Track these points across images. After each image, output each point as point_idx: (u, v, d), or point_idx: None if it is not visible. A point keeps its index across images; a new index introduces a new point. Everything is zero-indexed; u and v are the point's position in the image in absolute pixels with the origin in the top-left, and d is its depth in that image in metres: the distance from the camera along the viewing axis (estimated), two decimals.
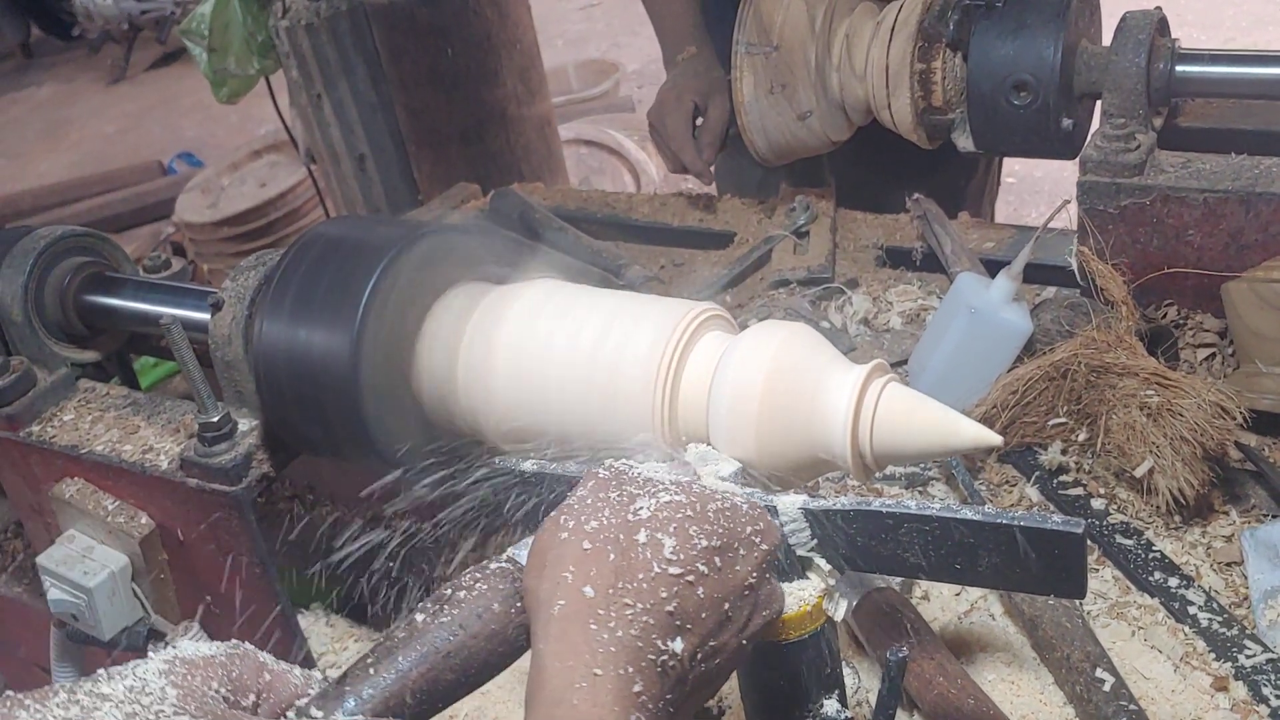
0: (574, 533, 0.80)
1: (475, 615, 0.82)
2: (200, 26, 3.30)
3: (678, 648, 0.77)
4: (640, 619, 0.76)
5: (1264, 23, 5.71)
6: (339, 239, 1.16)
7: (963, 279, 1.55)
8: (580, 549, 0.79)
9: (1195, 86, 1.62)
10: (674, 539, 0.80)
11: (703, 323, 1.02)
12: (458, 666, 0.81)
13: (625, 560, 0.78)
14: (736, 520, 0.84)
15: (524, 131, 3.27)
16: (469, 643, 0.82)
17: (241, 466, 1.21)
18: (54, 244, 1.42)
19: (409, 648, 0.81)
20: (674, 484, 0.85)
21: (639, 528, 0.80)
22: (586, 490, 0.85)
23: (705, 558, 0.80)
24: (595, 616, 0.75)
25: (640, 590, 0.77)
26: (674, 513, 0.81)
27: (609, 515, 0.81)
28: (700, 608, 0.79)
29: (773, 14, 1.80)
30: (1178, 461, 1.27)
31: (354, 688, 0.79)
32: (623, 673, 0.73)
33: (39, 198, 6.01)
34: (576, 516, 0.82)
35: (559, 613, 0.76)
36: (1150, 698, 1.13)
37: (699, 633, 0.79)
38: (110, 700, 0.69)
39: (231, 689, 0.76)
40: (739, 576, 0.82)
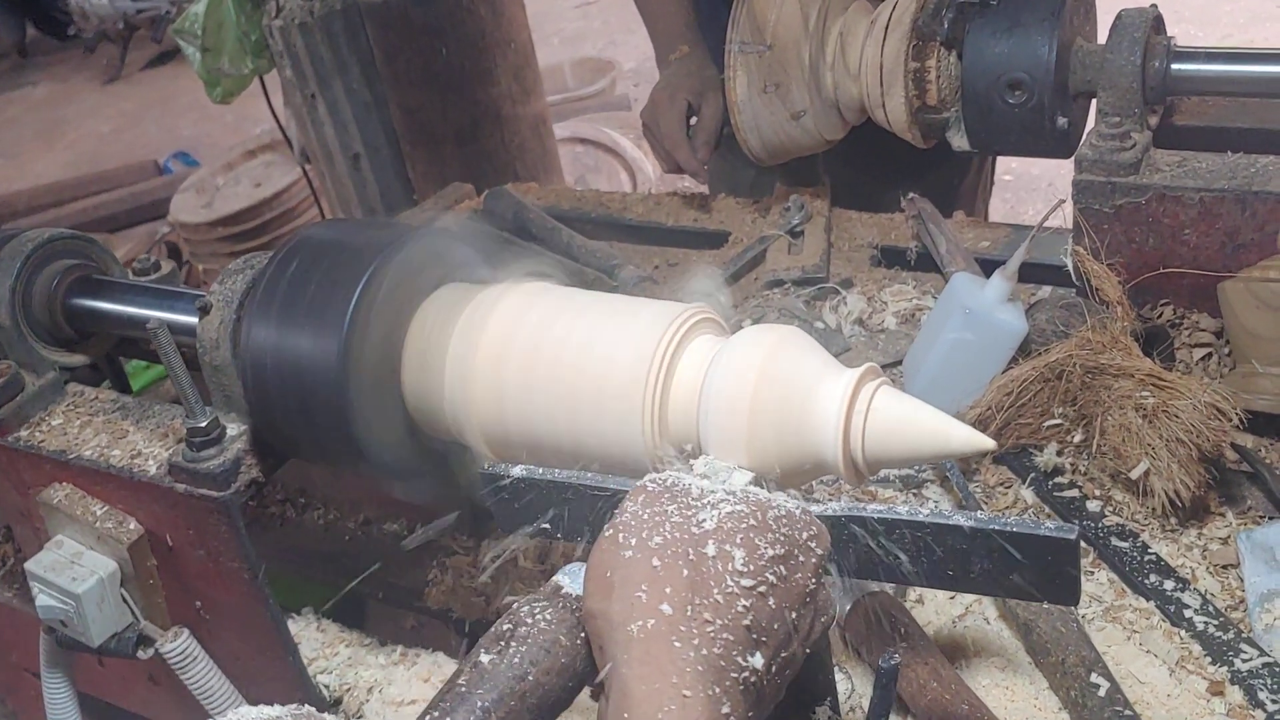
0: (639, 550, 0.78)
1: (544, 650, 0.80)
2: (194, 26, 3.29)
3: (758, 663, 0.75)
4: (721, 635, 0.74)
5: (1261, 19, 5.70)
6: (327, 242, 1.15)
7: (957, 279, 1.54)
8: (650, 566, 0.77)
9: (1191, 84, 1.61)
10: (743, 550, 0.78)
11: (693, 325, 1.01)
12: (534, 706, 0.79)
13: (698, 575, 0.76)
14: (794, 527, 0.82)
15: (519, 131, 3.27)
16: (542, 680, 0.79)
17: (230, 471, 1.20)
18: (41, 247, 1.41)
19: (483, 691, 0.78)
20: (730, 493, 0.83)
21: (706, 540, 0.78)
22: (639, 505, 0.82)
23: (773, 567, 0.78)
24: (678, 634, 0.73)
25: (718, 605, 0.75)
26: (739, 523, 0.79)
27: (672, 529, 0.79)
28: (773, 619, 0.77)
29: (766, 13, 1.79)
30: (1173, 463, 1.27)
31: None
32: (711, 693, 0.71)
33: (34, 197, 6.01)
34: (637, 533, 0.79)
35: (639, 633, 0.74)
36: (1146, 702, 1.13)
37: (773, 645, 0.77)
38: None
39: None
40: (800, 584, 0.81)
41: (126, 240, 5.12)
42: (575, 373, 1.01)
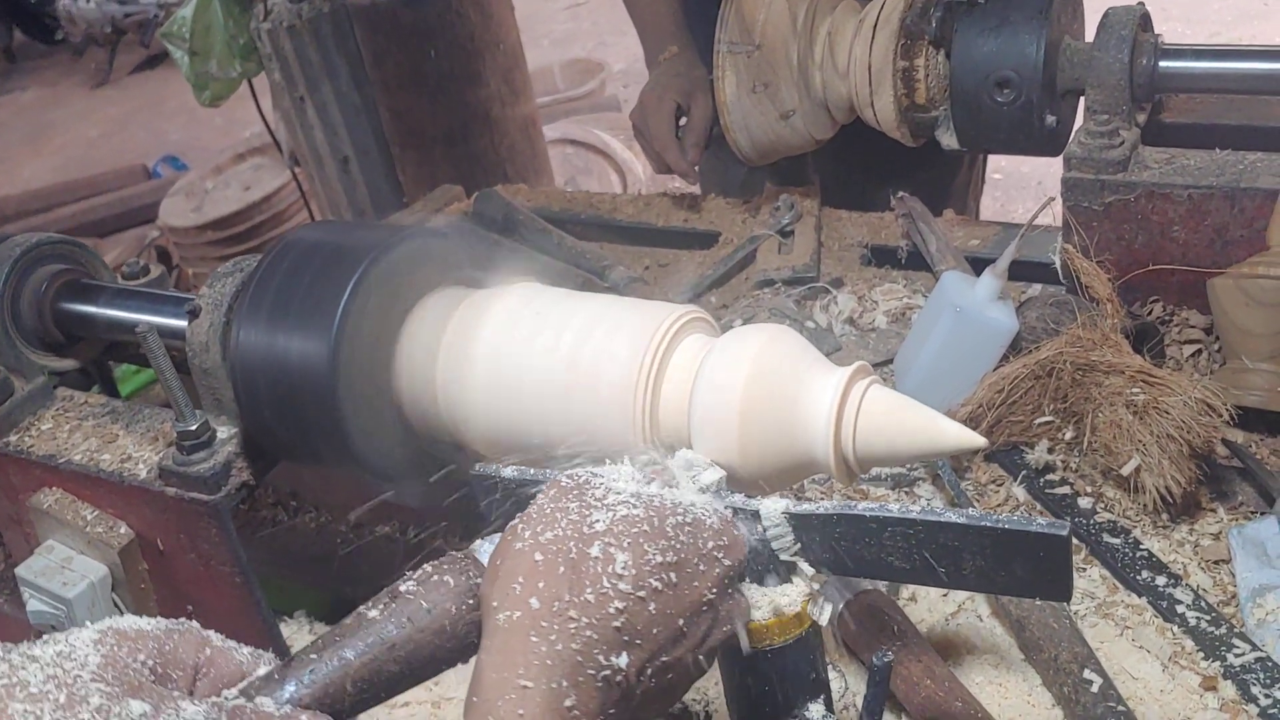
0: (529, 542, 0.80)
1: (425, 611, 0.83)
2: (181, 29, 3.28)
3: (622, 663, 0.77)
4: (583, 633, 0.76)
5: (1249, 17, 5.72)
6: (316, 244, 1.15)
7: (948, 277, 1.54)
8: (532, 560, 0.79)
9: (1179, 82, 1.62)
10: (628, 554, 0.79)
11: (683, 326, 1.01)
12: (402, 659, 0.82)
13: (575, 574, 0.78)
14: (698, 535, 0.83)
15: (508, 132, 3.27)
16: (415, 636, 0.82)
17: (220, 475, 1.20)
18: (30, 251, 1.40)
19: (355, 638, 0.81)
20: (634, 496, 0.84)
21: (594, 540, 0.80)
22: (548, 499, 0.84)
23: (659, 573, 0.80)
24: (537, 629, 0.75)
25: (586, 604, 0.77)
26: (630, 527, 0.81)
27: (565, 527, 0.81)
28: (651, 624, 0.79)
29: (754, 13, 1.79)
30: (1164, 459, 1.27)
31: (296, 673, 0.80)
32: (555, 686, 0.73)
33: (23, 203, 5.98)
34: (534, 526, 0.82)
35: (503, 622, 0.77)
36: (1139, 698, 1.13)
37: (649, 648, 0.79)
38: (38, 662, 0.72)
39: (161, 662, 0.77)
40: (696, 592, 0.82)
41: (116, 244, 5.10)
42: (567, 374, 1.01)
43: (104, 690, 0.71)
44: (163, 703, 0.72)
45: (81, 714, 0.69)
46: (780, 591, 0.90)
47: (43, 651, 0.72)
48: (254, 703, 0.76)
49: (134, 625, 0.77)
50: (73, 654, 0.73)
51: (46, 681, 0.70)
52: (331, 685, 0.80)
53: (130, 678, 0.73)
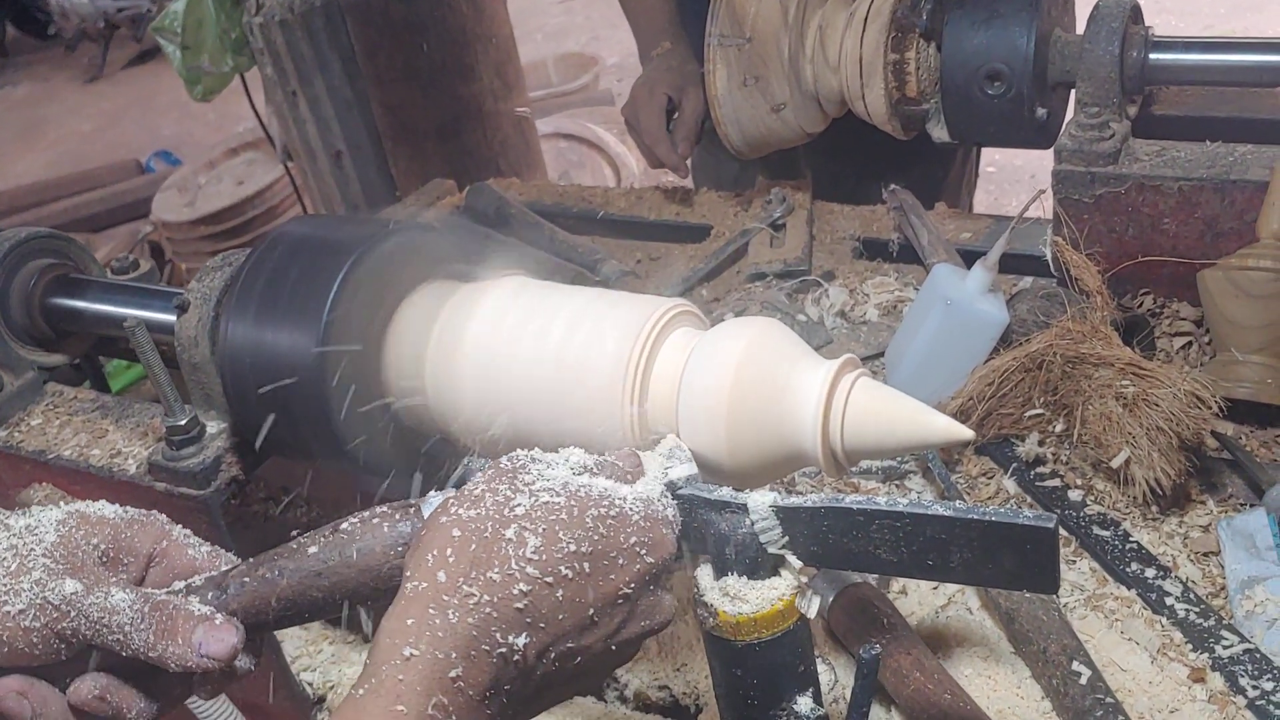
0: (452, 518, 0.82)
1: (355, 549, 0.87)
2: (173, 24, 3.28)
3: (520, 642, 0.78)
4: (482, 609, 0.77)
5: (1242, 9, 5.72)
6: (305, 238, 1.15)
7: (939, 270, 1.54)
8: (449, 535, 0.81)
9: (1169, 74, 1.62)
10: (540, 539, 0.81)
11: (671, 319, 1.01)
12: (326, 588, 0.86)
13: (485, 552, 0.80)
14: (620, 529, 0.84)
15: (501, 126, 3.26)
16: (342, 570, 0.86)
17: (210, 470, 1.20)
18: (18, 246, 1.40)
19: (288, 561, 0.87)
20: (561, 485, 0.85)
21: (510, 523, 0.81)
22: (484, 478, 0.86)
23: (570, 561, 0.81)
24: (438, 601, 0.78)
25: (490, 583, 0.78)
26: (548, 513, 0.82)
27: (489, 507, 0.83)
28: (557, 609, 0.80)
29: (745, 6, 1.78)
30: (1154, 451, 1.27)
31: (231, 582, 0.86)
32: (440, 656, 0.76)
33: (16, 198, 5.97)
34: (462, 504, 0.84)
35: (410, 591, 0.79)
36: (1127, 689, 1.13)
37: (552, 632, 0.80)
38: (8, 530, 0.82)
39: (114, 547, 0.85)
40: (611, 585, 0.83)
41: (109, 240, 5.09)
42: (556, 367, 1.01)
43: (48, 566, 0.79)
44: (96, 585, 0.80)
45: (22, 583, 0.78)
46: (769, 585, 0.90)
47: (15, 523, 0.82)
48: (182, 600, 0.83)
49: (98, 511, 0.86)
50: (36, 529, 0.82)
51: (6, 550, 0.80)
52: (258, 599, 0.85)
53: (77, 559, 0.81)
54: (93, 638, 0.79)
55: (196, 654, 0.81)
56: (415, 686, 0.74)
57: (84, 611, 0.79)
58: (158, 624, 0.81)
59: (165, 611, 0.81)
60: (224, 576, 0.86)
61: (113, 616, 0.79)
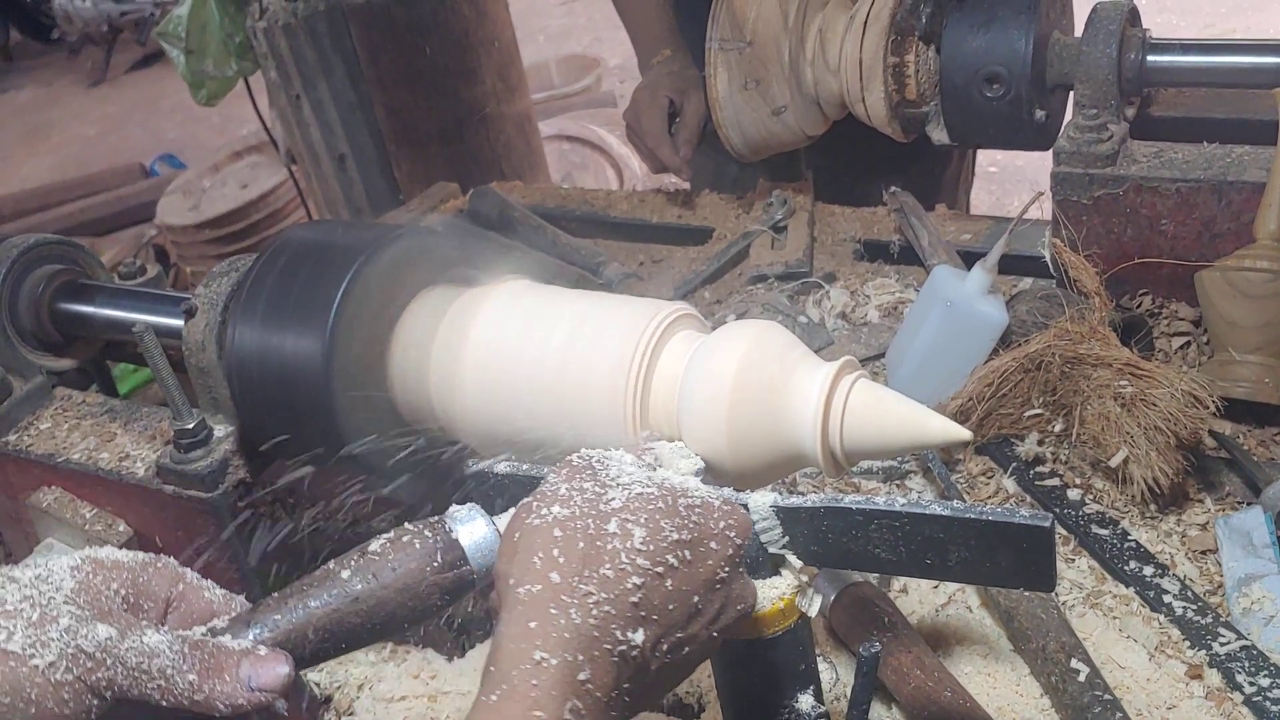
0: (546, 519, 0.81)
1: (390, 568, 0.84)
2: (177, 28, 3.29)
3: (638, 638, 0.78)
4: (601, 608, 0.77)
5: (1243, 9, 5.73)
6: (311, 243, 1.16)
7: (938, 272, 1.55)
8: (551, 535, 0.80)
9: (1166, 76, 1.63)
10: (644, 529, 0.80)
11: (673, 322, 1.02)
12: (364, 612, 0.83)
13: (593, 548, 0.79)
14: (708, 515, 0.84)
15: (503, 129, 3.27)
16: (379, 593, 0.84)
17: (217, 473, 1.21)
18: (27, 252, 1.41)
19: (321, 589, 0.83)
20: (647, 478, 0.86)
21: (610, 517, 0.81)
22: (561, 477, 0.86)
23: (675, 550, 0.81)
24: (557, 602, 0.76)
25: (605, 579, 0.78)
26: (645, 504, 0.82)
27: (581, 503, 0.82)
28: (667, 600, 0.80)
29: (746, 10, 1.80)
30: (1152, 451, 1.28)
31: (260, 618, 0.82)
32: (570, 659, 0.74)
33: (20, 202, 5.98)
34: (549, 503, 0.83)
35: (524, 596, 0.77)
36: (1125, 686, 1.14)
37: (664, 624, 0.80)
38: (16, 583, 0.75)
39: (133, 592, 0.80)
40: (709, 570, 0.83)
41: (114, 243, 5.10)
42: (558, 370, 1.02)
43: (74, 613, 0.74)
44: (129, 629, 0.75)
45: (50, 632, 0.73)
46: (769, 584, 0.91)
47: (22, 574, 0.76)
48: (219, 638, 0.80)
49: (111, 556, 0.81)
50: (49, 578, 0.76)
51: (22, 601, 0.74)
52: (294, 631, 0.82)
53: (101, 603, 0.77)
54: (130, 687, 0.74)
55: (246, 689, 0.77)
56: (550, 691, 0.73)
57: (120, 658, 0.73)
58: (201, 663, 0.76)
59: (206, 649, 0.77)
60: (250, 614, 0.82)
61: (152, 660, 0.74)
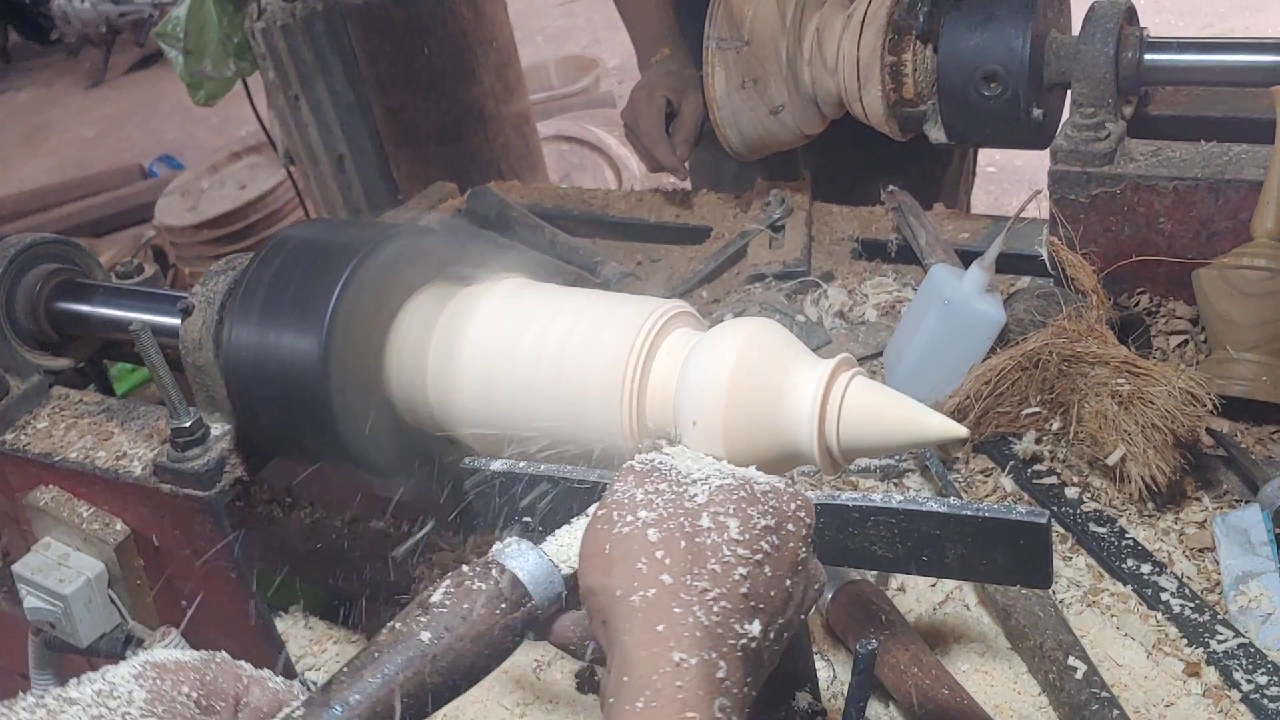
0: (635, 524, 0.80)
1: (460, 618, 0.81)
2: (176, 29, 3.29)
3: (755, 630, 0.77)
4: (719, 603, 0.75)
5: (1241, 9, 5.73)
6: (308, 242, 1.16)
7: (936, 271, 1.55)
8: (647, 539, 0.78)
9: (1164, 75, 1.63)
10: (736, 520, 0.80)
11: (670, 320, 1.02)
12: (444, 669, 0.80)
13: (695, 545, 0.78)
14: (781, 499, 0.84)
15: (502, 129, 3.27)
16: (455, 646, 0.80)
17: (214, 471, 1.21)
18: (24, 251, 1.41)
19: (395, 652, 0.79)
20: (718, 469, 0.85)
21: (700, 513, 0.80)
22: (629, 483, 0.84)
23: (765, 537, 0.80)
24: (678, 602, 0.75)
25: (715, 574, 0.77)
26: (729, 495, 0.81)
27: (665, 504, 0.81)
28: (769, 586, 0.79)
29: (743, 9, 1.80)
30: (1149, 449, 1.28)
31: (339, 694, 0.78)
32: (707, 658, 0.73)
33: (19, 203, 5.99)
34: (631, 509, 0.81)
35: (639, 603, 0.75)
36: (1123, 684, 1.14)
37: (769, 612, 0.79)
38: (78, 704, 0.71)
39: (204, 693, 0.77)
40: (792, 553, 0.82)
41: (112, 244, 5.11)
42: (555, 367, 1.02)
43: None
44: None
45: None
46: None
47: (80, 693, 0.72)
48: None
49: (171, 658, 0.77)
50: (114, 691, 0.73)
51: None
52: (378, 703, 0.77)
53: (179, 710, 0.74)
54: None
55: None
56: (697, 691, 0.71)
57: None
58: None
59: None
60: (325, 695, 0.78)
61: None
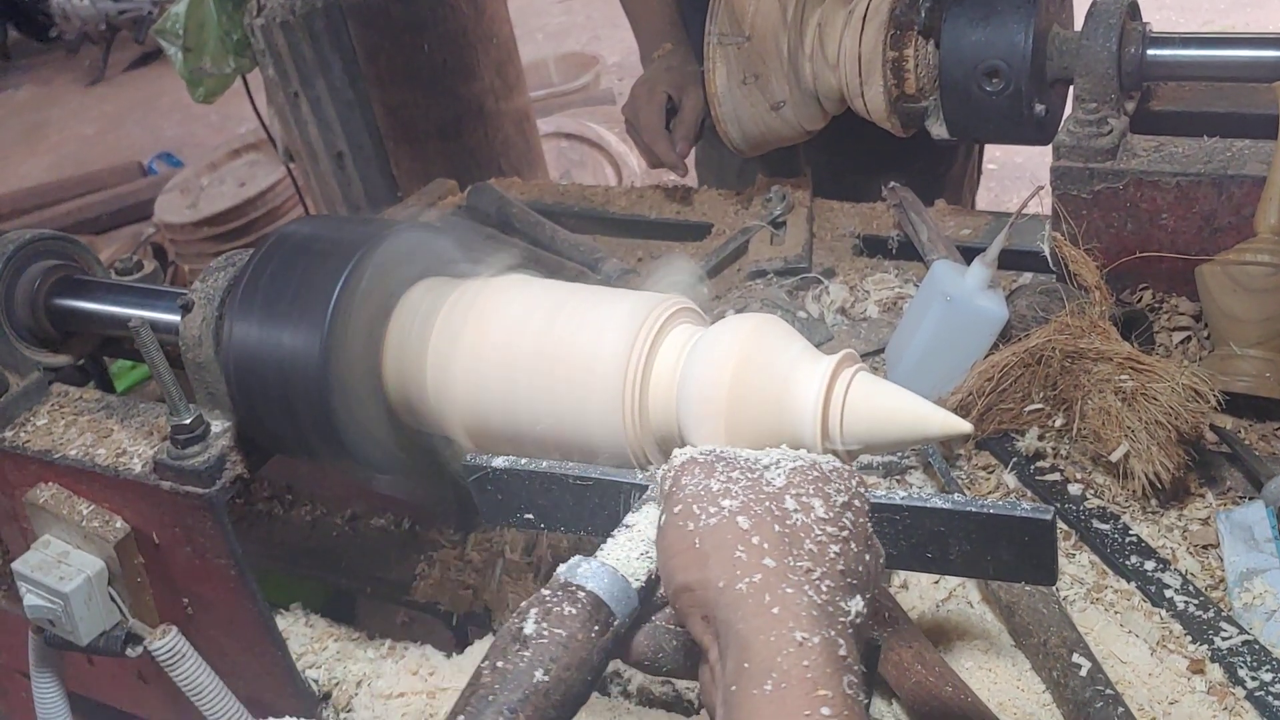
0: (722, 515, 0.77)
1: (561, 647, 0.77)
2: (175, 26, 3.29)
3: (857, 605, 0.76)
4: (824, 581, 0.74)
5: (1242, 4, 5.72)
6: (308, 238, 1.16)
7: (938, 267, 1.55)
8: (738, 527, 0.77)
9: (1166, 70, 1.63)
10: (819, 499, 0.79)
11: (672, 315, 1.02)
12: (558, 703, 0.77)
13: (787, 528, 0.77)
14: (840, 476, 0.83)
15: (502, 126, 3.27)
16: (562, 675, 0.77)
17: (215, 468, 1.20)
18: (23, 248, 1.41)
19: (508, 691, 0.75)
20: (785, 453, 0.83)
21: (783, 495, 0.79)
22: (696, 476, 0.82)
23: (845, 513, 0.79)
24: (788, 582, 0.73)
25: (813, 553, 0.76)
26: (805, 476, 0.80)
27: (744, 491, 0.79)
28: (856, 562, 0.78)
29: (744, 4, 1.79)
30: (1153, 445, 1.28)
31: None
32: (827, 635, 0.71)
33: (18, 200, 5.98)
34: (710, 500, 0.79)
35: (748, 589, 0.73)
36: (1127, 681, 1.14)
37: (863, 587, 0.78)
38: None
39: None
40: (864, 528, 0.81)
41: (112, 242, 5.10)
42: (556, 363, 1.01)
43: None
44: None
45: None
46: None
47: None
48: None
49: None
50: None
51: None
52: None
53: None
54: None
55: None
56: (825, 669, 0.69)
57: None
58: None
59: None
60: None
61: None
